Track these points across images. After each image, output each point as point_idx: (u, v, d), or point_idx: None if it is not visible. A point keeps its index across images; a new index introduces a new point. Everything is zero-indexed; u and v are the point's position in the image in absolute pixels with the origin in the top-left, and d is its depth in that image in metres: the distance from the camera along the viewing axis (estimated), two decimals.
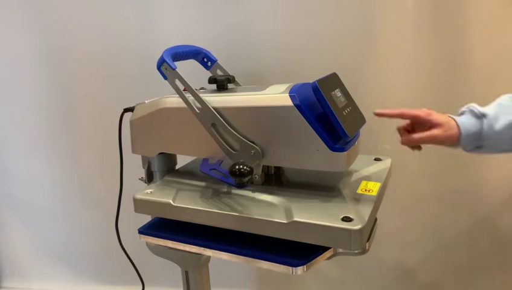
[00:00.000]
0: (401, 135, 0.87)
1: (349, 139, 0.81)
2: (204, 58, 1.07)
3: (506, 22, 1.22)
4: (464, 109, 0.85)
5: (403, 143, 0.86)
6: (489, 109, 0.81)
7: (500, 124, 0.79)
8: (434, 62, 1.27)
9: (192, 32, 1.34)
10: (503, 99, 0.83)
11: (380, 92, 1.30)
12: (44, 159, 1.60)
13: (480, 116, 0.80)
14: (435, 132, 0.81)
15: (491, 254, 1.41)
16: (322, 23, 1.28)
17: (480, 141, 0.81)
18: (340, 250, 0.76)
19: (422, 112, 0.83)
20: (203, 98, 0.85)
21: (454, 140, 0.81)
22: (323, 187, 0.87)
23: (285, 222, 0.74)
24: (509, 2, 1.20)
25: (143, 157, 1.02)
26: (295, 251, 0.76)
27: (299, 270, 0.75)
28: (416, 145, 0.88)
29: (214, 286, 1.09)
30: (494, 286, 1.43)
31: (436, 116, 0.82)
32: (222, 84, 0.95)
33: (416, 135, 0.83)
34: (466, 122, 0.81)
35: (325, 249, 0.76)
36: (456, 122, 0.82)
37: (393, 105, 1.30)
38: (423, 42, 1.25)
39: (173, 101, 0.90)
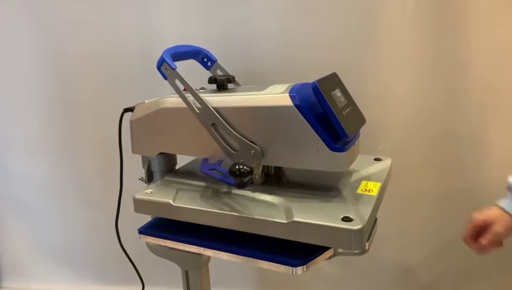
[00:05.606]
0: (469, 245, 0.90)
1: (349, 139, 0.81)
2: (204, 58, 1.07)
3: (506, 21, 1.22)
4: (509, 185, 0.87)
5: (478, 253, 0.89)
6: None
7: None
8: (434, 62, 1.26)
9: (192, 32, 1.34)
10: None
11: (380, 92, 1.30)
12: (45, 159, 1.60)
13: None
14: (497, 228, 0.85)
15: (491, 254, 1.41)
16: (323, 22, 1.28)
17: None
18: (340, 250, 0.76)
19: (476, 221, 0.87)
20: (203, 98, 0.85)
21: None
22: (323, 187, 0.87)
23: (285, 222, 0.74)
24: (509, 2, 1.20)
25: (143, 158, 1.02)
26: (295, 251, 0.76)
27: (299, 270, 0.75)
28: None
29: (214, 286, 1.09)
30: (493, 286, 1.43)
31: (486, 216, 0.86)
32: (222, 84, 0.94)
33: (483, 240, 0.87)
34: None
35: (325, 249, 0.76)
36: (505, 211, 0.85)
37: (393, 105, 1.32)
38: (423, 42, 1.25)
39: (173, 101, 0.90)
